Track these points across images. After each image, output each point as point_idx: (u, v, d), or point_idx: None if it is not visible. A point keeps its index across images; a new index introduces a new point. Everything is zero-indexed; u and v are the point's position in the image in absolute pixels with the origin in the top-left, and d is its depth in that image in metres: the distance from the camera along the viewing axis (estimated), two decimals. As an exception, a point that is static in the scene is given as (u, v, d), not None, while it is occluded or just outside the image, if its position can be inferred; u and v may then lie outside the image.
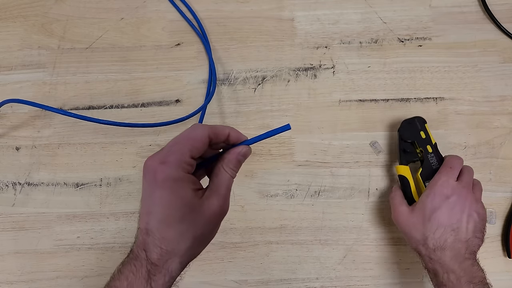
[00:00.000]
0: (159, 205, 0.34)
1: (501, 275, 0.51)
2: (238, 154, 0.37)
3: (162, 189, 0.33)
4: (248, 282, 0.51)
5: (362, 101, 0.57)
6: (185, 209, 0.34)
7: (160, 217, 0.34)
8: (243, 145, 0.38)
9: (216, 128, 0.36)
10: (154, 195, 0.34)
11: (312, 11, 0.62)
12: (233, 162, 0.37)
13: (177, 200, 0.34)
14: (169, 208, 0.34)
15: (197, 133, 0.35)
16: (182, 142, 0.35)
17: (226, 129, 0.37)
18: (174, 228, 0.34)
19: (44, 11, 0.62)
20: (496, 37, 0.60)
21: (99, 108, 0.57)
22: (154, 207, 0.34)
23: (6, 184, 0.54)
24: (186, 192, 0.34)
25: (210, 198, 0.35)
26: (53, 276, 0.51)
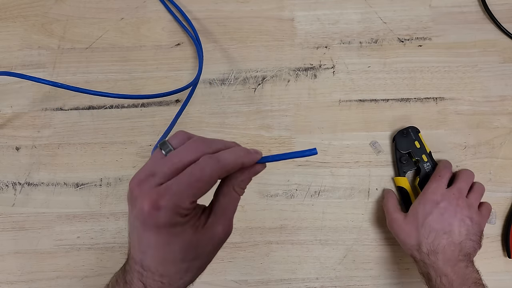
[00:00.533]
0: (155, 249, 0.29)
1: (501, 275, 0.51)
2: (253, 171, 0.32)
3: (157, 235, 0.29)
4: (248, 282, 0.51)
5: (362, 101, 0.57)
6: (187, 249, 0.30)
7: (158, 260, 0.30)
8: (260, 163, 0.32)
9: (227, 165, 0.30)
10: (146, 237, 0.29)
11: (312, 11, 0.62)
12: (246, 182, 0.32)
13: (175, 244, 0.29)
14: (167, 252, 0.29)
15: (204, 175, 0.28)
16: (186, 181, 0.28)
17: (239, 160, 0.30)
18: (175, 266, 0.30)
19: (44, 11, 0.62)
20: (496, 37, 0.60)
21: (99, 108, 0.57)
22: (148, 249, 0.30)
23: (6, 184, 0.54)
24: (185, 234, 0.29)
25: (216, 226, 0.31)
26: (53, 276, 0.51)
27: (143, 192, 0.28)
